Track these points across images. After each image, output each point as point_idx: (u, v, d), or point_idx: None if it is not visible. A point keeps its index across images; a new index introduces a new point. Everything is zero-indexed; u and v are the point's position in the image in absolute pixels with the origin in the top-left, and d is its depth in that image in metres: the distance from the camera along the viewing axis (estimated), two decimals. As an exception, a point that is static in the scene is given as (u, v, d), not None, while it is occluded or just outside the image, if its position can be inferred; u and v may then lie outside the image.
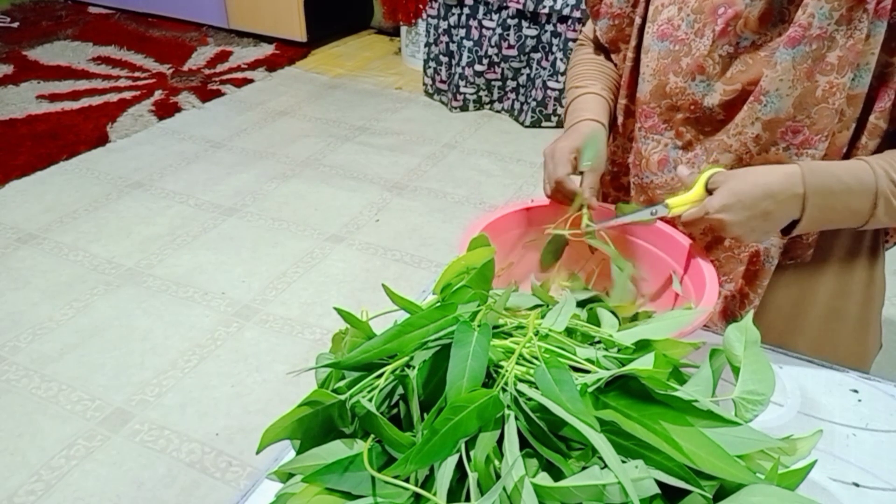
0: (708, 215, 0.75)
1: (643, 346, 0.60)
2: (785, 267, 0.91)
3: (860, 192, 0.75)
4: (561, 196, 0.86)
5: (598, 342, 0.64)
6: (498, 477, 0.51)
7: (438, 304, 0.61)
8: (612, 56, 0.99)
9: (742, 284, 0.92)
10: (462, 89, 3.43)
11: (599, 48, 1.03)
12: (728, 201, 0.74)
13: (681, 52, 0.85)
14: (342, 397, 0.56)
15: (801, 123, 0.79)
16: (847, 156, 0.82)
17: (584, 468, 0.50)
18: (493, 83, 3.40)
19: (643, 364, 0.55)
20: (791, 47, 0.75)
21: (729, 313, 0.94)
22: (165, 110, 3.40)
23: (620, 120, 0.98)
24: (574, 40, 3.07)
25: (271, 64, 3.97)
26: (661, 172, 0.92)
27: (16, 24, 4.45)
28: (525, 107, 3.36)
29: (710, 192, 0.77)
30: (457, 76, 3.41)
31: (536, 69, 3.26)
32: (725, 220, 0.75)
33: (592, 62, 1.02)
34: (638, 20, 0.91)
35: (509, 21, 3.18)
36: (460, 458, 0.51)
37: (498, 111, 3.50)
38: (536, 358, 0.56)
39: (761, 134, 0.80)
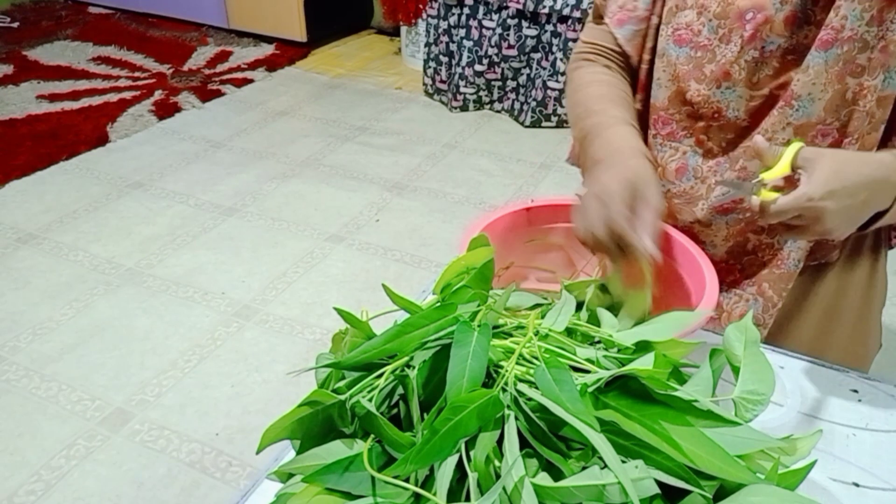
0: (812, 202, 0.66)
1: (643, 346, 0.60)
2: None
3: None
4: (605, 246, 0.71)
5: (598, 342, 0.64)
6: (498, 477, 0.51)
7: (438, 304, 0.61)
8: (633, 63, 0.91)
9: (765, 287, 0.90)
10: (462, 89, 3.43)
11: (602, 57, 0.95)
12: (833, 186, 0.65)
13: (703, 59, 0.82)
14: (342, 397, 0.56)
15: (832, 126, 0.77)
16: None
17: (584, 468, 0.51)
18: (493, 83, 3.40)
19: (643, 364, 0.55)
20: (824, 50, 0.74)
21: (754, 317, 0.92)
22: (165, 110, 3.40)
23: None
24: (574, 40, 3.08)
25: (271, 64, 3.97)
26: (678, 181, 0.90)
27: (16, 24, 4.45)
28: (525, 107, 3.36)
29: (794, 169, 0.68)
30: (457, 76, 3.41)
31: (536, 69, 3.26)
32: (829, 209, 0.66)
33: (606, 82, 0.91)
34: (655, 20, 0.87)
35: (509, 21, 3.18)
36: (460, 458, 0.51)
37: (498, 111, 3.50)
38: (536, 358, 0.56)
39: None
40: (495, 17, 3.20)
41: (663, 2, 0.86)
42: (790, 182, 0.68)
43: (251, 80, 3.79)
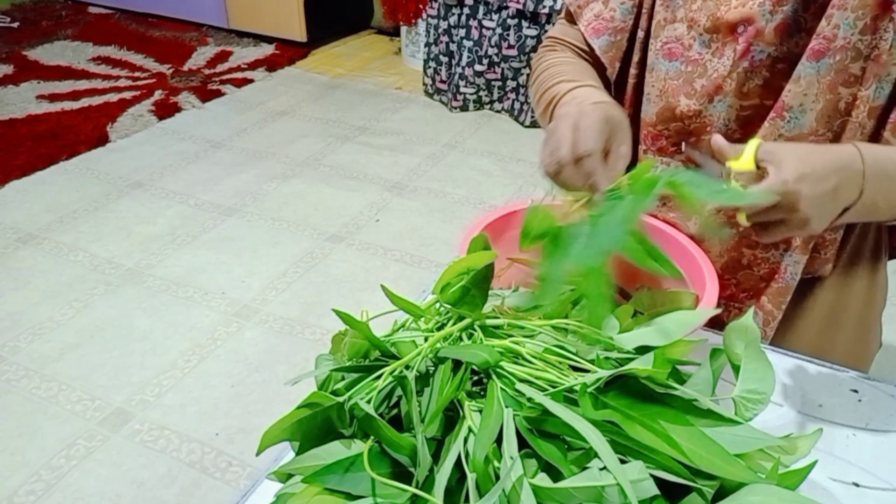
0: (786, 185, 0.62)
1: (643, 351, 0.60)
2: None
3: None
4: (572, 177, 0.67)
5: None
6: (497, 477, 0.50)
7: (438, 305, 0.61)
8: (609, 75, 0.89)
9: (764, 301, 0.90)
10: (462, 89, 3.43)
11: (569, 48, 0.93)
12: (804, 170, 0.62)
13: (694, 74, 0.80)
14: (341, 399, 0.56)
15: (824, 138, 0.76)
16: None
17: (584, 468, 0.50)
18: (493, 83, 3.40)
19: (643, 363, 0.55)
20: (815, 60, 0.72)
21: None
22: (165, 110, 3.40)
23: None
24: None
25: (271, 64, 3.97)
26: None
27: (16, 24, 4.45)
28: (525, 107, 3.36)
29: (759, 166, 0.65)
30: (457, 76, 3.41)
31: (536, 69, 3.26)
32: (803, 192, 0.62)
33: (575, 63, 0.90)
34: (641, 34, 0.86)
35: (509, 21, 3.18)
36: (459, 458, 0.51)
37: (498, 111, 3.50)
38: (536, 358, 0.56)
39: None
40: (495, 17, 3.20)
41: (649, 15, 0.84)
42: (757, 178, 0.65)
43: (251, 80, 3.79)
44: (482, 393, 0.57)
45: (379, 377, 0.57)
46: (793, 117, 0.75)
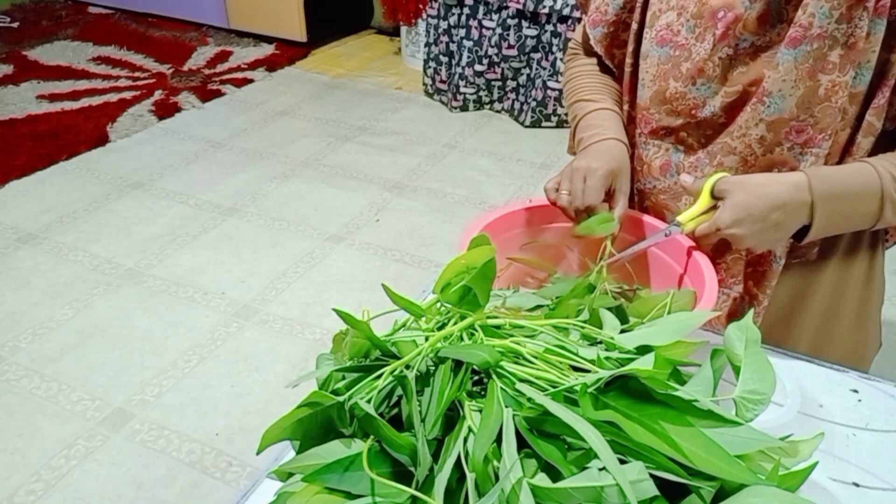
0: (720, 231, 0.77)
1: (644, 350, 0.60)
2: (786, 265, 0.91)
3: (866, 196, 0.76)
4: (574, 210, 0.86)
5: (600, 342, 0.64)
6: (497, 477, 0.50)
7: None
8: (607, 62, 0.98)
9: (750, 286, 0.92)
10: (462, 89, 3.43)
11: (593, 55, 1.02)
12: (738, 216, 0.75)
13: (681, 58, 0.84)
14: (341, 399, 0.56)
15: (805, 123, 0.78)
16: (843, 154, 0.82)
17: (584, 469, 0.50)
18: (493, 83, 3.40)
19: (643, 364, 0.55)
20: (793, 47, 0.75)
21: (738, 315, 0.94)
22: (165, 110, 3.40)
23: None
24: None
25: (271, 64, 3.97)
26: (662, 177, 0.92)
27: (16, 24, 4.45)
28: (525, 107, 3.36)
29: (715, 198, 0.79)
30: (457, 76, 3.41)
31: (536, 69, 3.26)
32: (737, 234, 0.76)
33: (595, 75, 1.01)
34: (634, 25, 0.90)
35: (509, 21, 3.18)
36: (459, 459, 0.51)
37: (498, 111, 3.50)
38: (536, 358, 0.56)
39: (765, 135, 0.80)
40: (495, 17, 3.20)
41: (643, 8, 0.89)
42: (714, 209, 0.79)
43: (251, 80, 3.79)
44: (482, 393, 0.57)
45: (379, 377, 0.57)
46: (772, 102, 0.78)
